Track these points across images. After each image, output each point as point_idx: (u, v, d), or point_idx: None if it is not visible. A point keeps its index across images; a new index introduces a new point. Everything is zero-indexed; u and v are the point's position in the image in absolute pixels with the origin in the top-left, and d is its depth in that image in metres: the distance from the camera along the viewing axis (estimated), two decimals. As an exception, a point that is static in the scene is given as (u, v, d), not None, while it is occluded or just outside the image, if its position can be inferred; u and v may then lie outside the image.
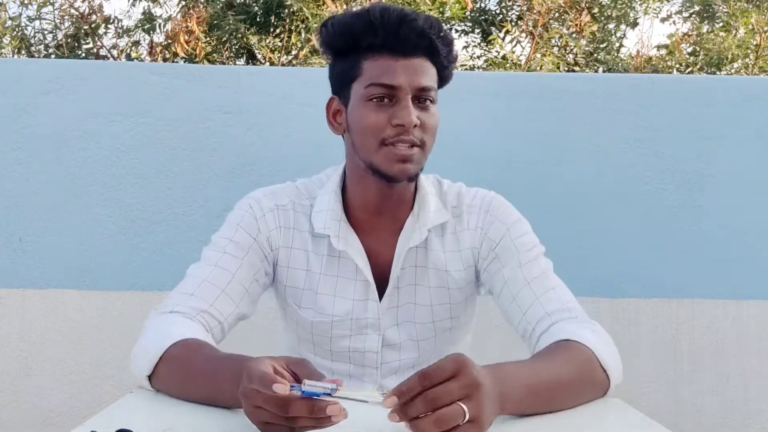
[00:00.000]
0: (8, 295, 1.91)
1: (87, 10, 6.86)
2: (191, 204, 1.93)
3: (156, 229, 1.92)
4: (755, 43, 7.50)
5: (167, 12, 7.27)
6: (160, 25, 6.92)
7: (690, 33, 8.18)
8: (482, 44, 7.73)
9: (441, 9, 6.76)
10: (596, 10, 7.67)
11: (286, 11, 6.62)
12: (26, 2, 6.88)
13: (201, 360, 0.86)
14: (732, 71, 7.64)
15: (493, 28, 7.51)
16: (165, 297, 1.04)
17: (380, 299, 1.11)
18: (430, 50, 1.01)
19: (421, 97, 1.01)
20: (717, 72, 7.42)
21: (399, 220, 1.11)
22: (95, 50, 7.16)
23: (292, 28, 6.81)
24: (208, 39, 6.86)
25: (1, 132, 1.91)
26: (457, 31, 7.84)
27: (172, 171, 1.93)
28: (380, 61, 1.00)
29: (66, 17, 6.94)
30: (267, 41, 6.97)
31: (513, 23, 7.45)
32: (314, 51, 6.61)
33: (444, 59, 1.03)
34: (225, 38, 6.82)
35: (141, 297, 1.91)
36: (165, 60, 6.78)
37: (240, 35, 6.80)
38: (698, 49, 7.73)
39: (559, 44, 7.49)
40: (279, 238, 1.10)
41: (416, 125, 0.99)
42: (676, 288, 1.97)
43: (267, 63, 7.00)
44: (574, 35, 7.39)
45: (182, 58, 6.56)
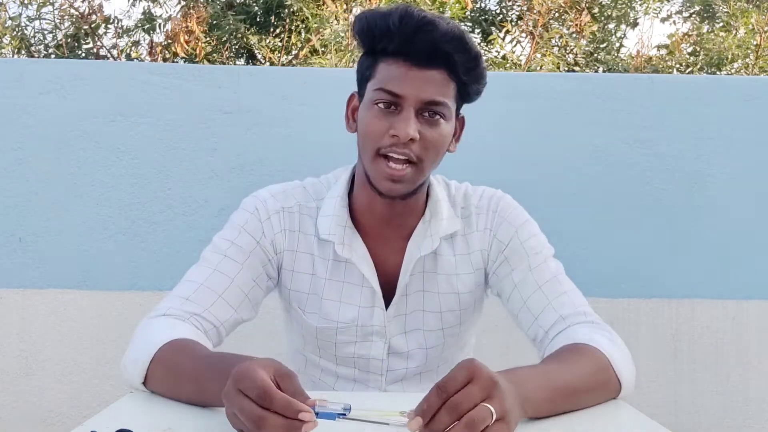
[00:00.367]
0: (8, 295, 1.91)
1: (87, 10, 6.86)
2: (191, 204, 1.93)
3: (156, 229, 1.92)
4: (755, 43, 7.49)
5: (167, 12, 7.27)
6: (160, 25, 6.92)
7: (690, 33, 8.18)
8: (482, 44, 7.73)
9: (441, 9, 6.76)
10: (596, 10, 7.67)
11: (286, 11, 6.62)
12: (26, 2, 6.88)
13: (187, 360, 0.85)
14: (732, 71, 7.64)
15: (493, 28, 7.51)
16: (161, 300, 1.03)
17: (387, 305, 1.08)
18: (448, 63, 0.96)
19: (429, 111, 0.97)
20: (717, 72, 7.41)
21: (408, 227, 1.08)
22: (95, 50, 7.16)
23: (292, 28, 6.81)
24: (208, 39, 6.86)
25: (1, 132, 1.91)
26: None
27: (172, 171, 1.93)
28: (393, 67, 0.96)
29: (66, 17, 6.94)
30: (267, 41, 6.97)
31: (513, 23, 7.45)
32: (314, 51, 6.61)
33: (464, 75, 0.98)
34: (225, 38, 6.82)
35: (141, 297, 1.91)
36: (165, 60, 6.78)
37: (240, 35, 6.80)
38: (698, 49, 7.73)
39: (559, 44, 7.49)
40: (284, 242, 1.07)
41: (413, 139, 0.94)
42: (676, 288, 1.97)
43: (267, 63, 7.00)
44: (574, 35, 7.39)
45: (182, 58, 6.56)
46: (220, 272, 1.02)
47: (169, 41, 6.83)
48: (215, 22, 6.75)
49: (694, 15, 8.16)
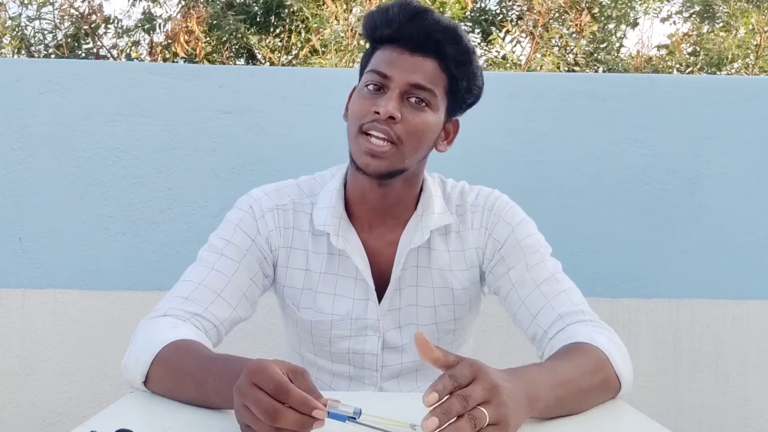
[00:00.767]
0: (8, 295, 1.91)
1: (87, 10, 6.86)
2: (191, 204, 1.93)
3: (156, 229, 1.92)
4: (755, 43, 7.50)
5: (167, 12, 7.28)
6: (160, 25, 6.93)
7: (690, 33, 8.19)
8: (482, 44, 7.73)
9: (441, 9, 6.76)
10: (596, 10, 7.67)
11: (286, 11, 6.62)
12: (26, 2, 6.88)
13: (190, 361, 0.85)
14: (732, 71, 7.64)
15: (493, 28, 7.51)
16: (160, 301, 1.03)
17: (381, 299, 1.09)
18: (439, 53, 0.99)
19: (415, 96, 0.99)
20: (717, 72, 7.42)
21: (401, 220, 1.09)
22: (95, 50, 7.16)
23: (292, 28, 6.82)
24: (208, 39, 6.86)
25: (1, 132, 1.91)
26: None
27: (172, 171, 1.93)
28: (387, 52, 1.00)
29: (66, 17, 6.95)
30: (267, 41, 6.97)
31: (513, 23, 7.45)
32: (314, 51, 6.61)
33: (454, 68, 1.00)
34: (225, 38, 6.83)
35: (141, 297, 1.91)
36: (165, 60, 6.78)
37: (240, 35, 6.80)
38: (698, 49, 7.73)
39: (559, 44, 7.49)
40: (279, 239, 1.08)
41: (394, 117, 0.96)
42: (676, 288, 1.97)
43: (267, 63, 7.00)
44: (574, 35, 7.39)
45: (182, 58, 6.56)
46: (218, 271, 1.03)
47: (169, 41, 6.83)
48: (215, 22, 6.76)
49: (694, 15, 8.17)
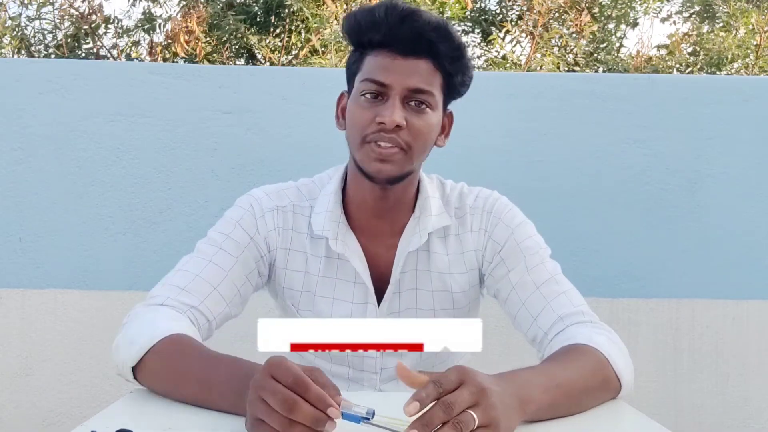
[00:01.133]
0: (8, 295, 1.91)
1: (87, 10, 6.86)
2: (191, 204, 1.93)
3: (156, 229, 1.92)
4: (755, 43, 7.50)
5: (167, 12, 7.28)
6: (160, 25, 6.92)
7: (690, 33, 8.19)
8: (482, 44, 7.74)
9: (441, 9, 6.76)
10: (596, 10, 7.67)
11: (286, 11, 6.62)
12: (26, 2, 6.88)
13: (192, 358, 0.84)
14: (732, 71, 7.64)
15: (493, 28, 7.51)
16: (154, 287, 1.02)
17: (380, 303, 1.09)
18: (433, 53, 0.98)
19: (415, 100, 0.98)
20: (717, 72, 7.42)
21: (400, 223, 1.08)
22: (95, 50, 7.16)
23: (292, 28, 6.82)
24: (208, 39, 6.86)
25: (1, 132, 1.91)
26: (457, 31, 7.83)
27: (172, 171, 1.93)
28: (379, 58, 0.98)
29: (66, 17, 6.95)
30: (267, 41, 6.97)
31: (513, 23, 7.45)
32: (314, 51, 6.61)
33: (448, 65, 1.00)
34: (225, 38, 6.83)
35: (141, 297, 1.88)
36: (165, 60, 6.78)
37: (240, 35, 6.80)
38: (698, 49, 7.73)
39: (559, 44, 7.49)
40: (277, 240, 1.08)
41: (400, 126, 0.96)
42: (676, 288, 1.97)
43: (267, 63, 7.00)
44: (574, 35, 7.39)
45: (182, 58, 6.56)
46: (216, 264, 1.03)
47: (169, 41, 6.83)
48: (215, 22, 6.76)
49: (694, 15, 8.17)
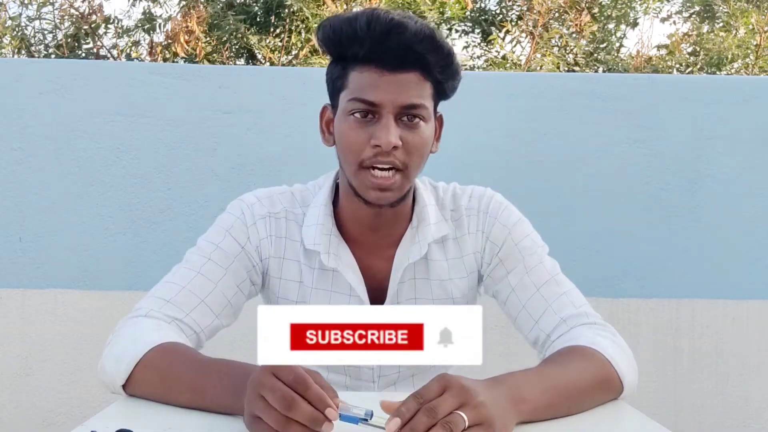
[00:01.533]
0: (8, 295, 1.91)
1: (87, 10, 6.86)
2: (191, 204, 1.93)
3: (156, 229, 1.92)
4: (755, 43, 7.50)
5: (167, 12, 7.27)
6: (160, 25, 6.92)
7: (690, 33, 8.19)
8: (482, 44, 7.74)
9: (441, 9, 6.76)
10: (596, 10, 7.67)
11: (286, 11, 6.62)
12: (26, 2, 6.88)
13: (182, 366, 0.83)
14: (732, 71, 7.64)
15: (493, 28, 7.51)
16: (140, 300, 1.01)
17: None
18: (422, 64, 0.92)
19: (408, 115, 0.93)
20: (717, 72, 7.41)
21: (397, 234, 1.05)
22: (95, 50, 7.16)
23: (292, 28, 6.82)
24: (208, 39, 6.86)
25: (1, 132, 1.91)
26: (457, 31, 7.84)
27: (172, 171, 1.93)
28: (365, 74, 0.92)
29: (66, 17, 6.94)
30: (267, 41, 6.97)
31: (513, 23, 7.45)
32: (314, 51, 6.61)
33: (439, 74, 0.94)
34: (225, 38, 6.82)
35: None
36: (165, 60, 6.78)
37: (240, 35, 6.80)
38: (698, 49, 7.73)
39: (559, 44, 7.49)
40: (270, 248, 1.04)
41: (396, 146, 0.91)
42: (676, 288, 1.97)
43: (267, 63, 7.00)
44: (574, 35, 7.39)
45: (182, 58, 6.56)
46: (204, 276, 1.00)
47: (169, 41, 6.83)
48: (215, 22, 6.75)
49: (694, 15, 8.17)
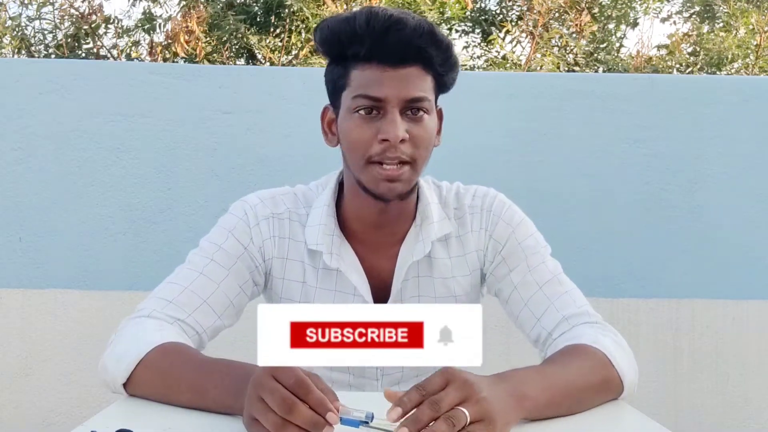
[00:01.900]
0: (8, 295, 1.91)
1: (87, 10, 6.85)
2: (191, 204, 1.93)
3: (156, 229, 1.92)
4: (755, 43, 7.50)
5: (167, 12, 7.27)
6: (160, 25, 6.92)
7: (690, 33, 8.19)
8: (482, 44, 7.74)
9: (441, 9, 6.76)
10: (596, 10, 7.67)
11: (286, 11, 6.62)
12: (26, 2, 6.88)
13: (183, 366, 0.83)
14: (732, 71, 7.64)
15: (493, 28, 7.51)
16: (142, 300, 1.01)
17: None
18: (422, 58, 0.94)
19: (412, 109, 0.94)
20: (717, 72, 7.42)
21: (400, 233, 1.05)
22: (95, 50, 7.16)
23: (292, 28, 6.82)
24: (208, 39, 6.86)
25: (1, 132, 1.91)
26: (457, 31, 7.85)
27: (172, 171, 1.93)
28: (367, 71, 0.93)
29: (66, 17, 6.94)
30: (267, 41, 6.97)
31: (513, 23, 7.45)
32: (314, 51, 6.61)
33: (439, 67, 0.96)
34: (225, 38, 6.82)
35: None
36: (165, 60, 6.78)
37: (240, 35, 6.80)
38: (698, 49, 7.73)
39: (559, 44, 7.49)
40: (273, 249, 1.04)
41: (404, 140, 0.93)
42: (676, 288, 1.97)
43: (267, 63, 7.00)
44: (574, 35, 7.39)
45: (182, 58, 6.56)
46: (206, 276, 1.00)
47: (169, 41, 6.82)
48: (215, 22, 6.75)
49: (694, 15, 8.18)
